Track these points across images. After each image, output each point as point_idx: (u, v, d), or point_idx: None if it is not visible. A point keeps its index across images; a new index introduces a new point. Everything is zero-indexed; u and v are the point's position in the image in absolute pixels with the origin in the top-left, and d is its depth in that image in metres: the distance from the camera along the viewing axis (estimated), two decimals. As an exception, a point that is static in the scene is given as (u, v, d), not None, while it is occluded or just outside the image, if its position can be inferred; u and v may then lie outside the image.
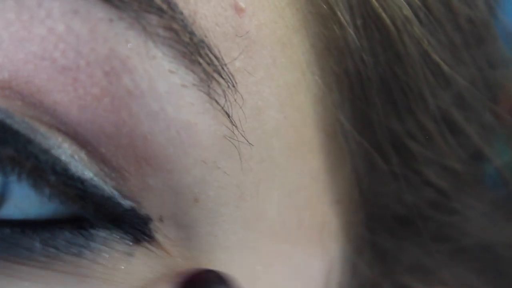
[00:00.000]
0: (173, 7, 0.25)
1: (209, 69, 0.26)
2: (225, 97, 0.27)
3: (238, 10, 0.27)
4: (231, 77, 0.26)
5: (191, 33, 0.25)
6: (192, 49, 0.26)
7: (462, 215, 0.35)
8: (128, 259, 0.27)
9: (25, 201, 0.26)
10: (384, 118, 0.31)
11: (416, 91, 0.31)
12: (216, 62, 0.26)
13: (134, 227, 0.27)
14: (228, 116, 0.27)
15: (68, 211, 0.27)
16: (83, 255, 0.26)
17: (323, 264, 0.32)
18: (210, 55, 0.26)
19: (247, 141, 0.28)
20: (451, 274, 0.36)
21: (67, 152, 0.26)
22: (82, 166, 0.26)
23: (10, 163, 0.25)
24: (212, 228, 0.28)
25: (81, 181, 0.26)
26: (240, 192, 0.28)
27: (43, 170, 0.25)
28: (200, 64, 0.26)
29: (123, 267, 0.27)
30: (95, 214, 0.26)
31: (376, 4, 0.29)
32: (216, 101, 0.26)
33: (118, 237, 0.27)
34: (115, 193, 0.26)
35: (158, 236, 0.28)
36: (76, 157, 0.26)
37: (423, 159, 0.33)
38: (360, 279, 0.34)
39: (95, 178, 0.26)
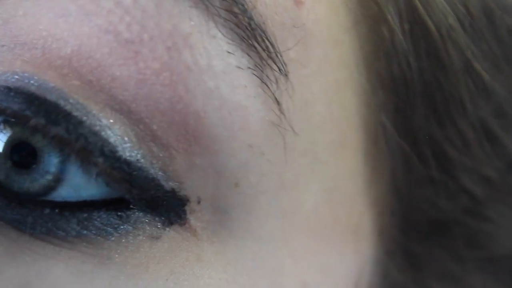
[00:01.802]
0: None
1: (264, 54, 0.27)
2: (277, 84, 0.27)
3: (297, 2, 0.28)
4: (284, 65, 0.27)
5: (250, 18, 0.26)
6: (250, 33, 0.26)
7: (495, 224, 0.35)
8: (153, 242, 0.27)
9: (74, 180, 0.27)
10: (425, 123, 0.32)
11: (457, 98, 0.32)
12: (271, 49, 0.27)
13: (170, 208, 0.27)
14: (278, 103, 0.28)
15: (112, 193, 0.27)
16: (109, 237, 0.27)
17: (355, 264, 0.33)
18: (266, 41, 0.27)
19: (293, 130, 0.28)
20: (480, 283, 0.36)
21: (117, 134, 0.26)
22: (130, 148, 0.26)
23: (60, 143, 0.26)
24: (247, 214, 0.29)
25: (127, 163, 0.26)
26: (280, 182, 0.29)
27: (91, 152, 0.26)
28: (256, 48, 0.27)
29: (145, 250, 0.27)
30: (137, 196, 0.27)
31: (422, 11, 0.30)
32: (268, 87, 0.27)
33: (150, 218, 0.27)
34: (160, 175, 0.27)
35: (191, 219, 0.28)
36: (126, 138, 0.26)
37: (460, 165, 0.33)
38: (390, 282, 0.35)
39: (142, 160, 0.26)
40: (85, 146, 0.26)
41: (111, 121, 0.26)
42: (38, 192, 0.27)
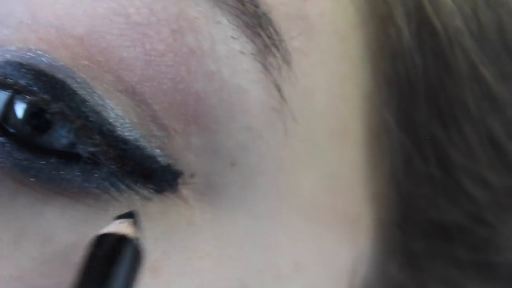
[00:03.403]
0: None
1: (268, 41, 0.28)
2: (279, 71, 0.29)
3: None
4: (287, 53, 0.29)
5: (256, 6, 0.28)
6: (255, 20, 0.28)
7: (495, 229, 0.35)
8: (145, 202, 0.29)
9: None
10: (428, 123, 0.33)
11: (461, 101, 0.33)
12: (275, 37, 0.28)
13: (163, 179, 0.29)
14: (279, 90, 0.29)
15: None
16: (107, 190, 0.28)
17: (351, 255, 0.33)
18: (271, 29, 0.28)
19: (294, 116, 0.30)
20: (477, 288, 0.36)
21: (118, 114, 0.28)
22: (129, 128, 0.28)
23: (61, 118, 0.28)
24: (243, 192, 0.30)
25: (124, 141, 0.28)
26: (279, 165, 0.30)
27: (91, 129, 0.28)
28: (260, 35, 0.28)
29: (137, 208, 0.29)
30: (131, 170, 0.28)
31: (430, 11, 0.31)
32: (270, 73, 0.29)
33: (143, 183, 0.29)
34: (156, 152, 0.28)
35: (183, 189, 0.29)
36: (126, 119, 0.28)
37: (462, 168, 0.34)
38: (387, 278, 0.35)
39: (140, 139, 0.28)
40: (85, 124, 0.27)
41: (114, 102, 0.28)
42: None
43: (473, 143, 0.33)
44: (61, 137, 0.28)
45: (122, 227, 0.28)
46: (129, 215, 0.29)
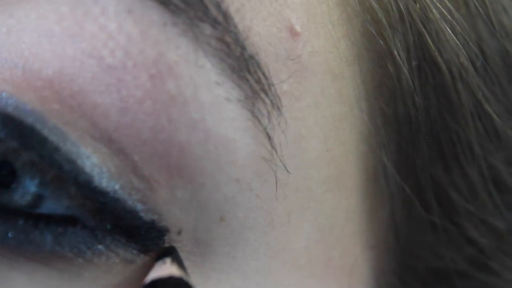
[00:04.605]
0: (228, 20, 0.25)
1: (256, 87, 0.26)
2: (268, 118, 0.26)
3: (293, 33, 0.27)
4: (277, 98, 0.26)
5: (243, 48, 0.25)
6: (242, 64, 0.25)
7: (500, 276, 0.33)
8: (126, 265, 0.26)
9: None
10: (429, 165, 0.31)
11: (465, 141, 0.31)
12: (264, 81, 0.26)
13: (148, 238, 0.26)
14: (269, 138, 0.26)
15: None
16: (82, 254, 0.26)
17: None
18: (259, 73, 0.26)
19: (285, 167, 0.27)
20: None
21: (94, 163, 0.25)
22: (108, 179, 0.25)
23: (32, 169, 0.25)
24: (232, 249, 0.28)
25: (103, 194, 0.25)
26: (270, 219, 0.28)
27: (65, 180, 0.25)
28: (247, 80, 0.26)
29: (117, 272, 0.26)
30: (111, 227, 0.26)
31: (433, 47, 0.29)
32: (259, 121, 0.26)
33: (126, 243, 0.26)
34: (138, 206, 0.26)
35: None
36: (103, 168, 0.25)
37: (466, 213, 0.32)
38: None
39: (120, 191, 0.25)
40: (59, 174, 0.25)
41: (90, 149, 0.25)
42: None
43: (476, 186, 0.31)
44: (25, 193, 0.25)
45: (167, 269, 0.26)
46: (167, 251, 0.27)
